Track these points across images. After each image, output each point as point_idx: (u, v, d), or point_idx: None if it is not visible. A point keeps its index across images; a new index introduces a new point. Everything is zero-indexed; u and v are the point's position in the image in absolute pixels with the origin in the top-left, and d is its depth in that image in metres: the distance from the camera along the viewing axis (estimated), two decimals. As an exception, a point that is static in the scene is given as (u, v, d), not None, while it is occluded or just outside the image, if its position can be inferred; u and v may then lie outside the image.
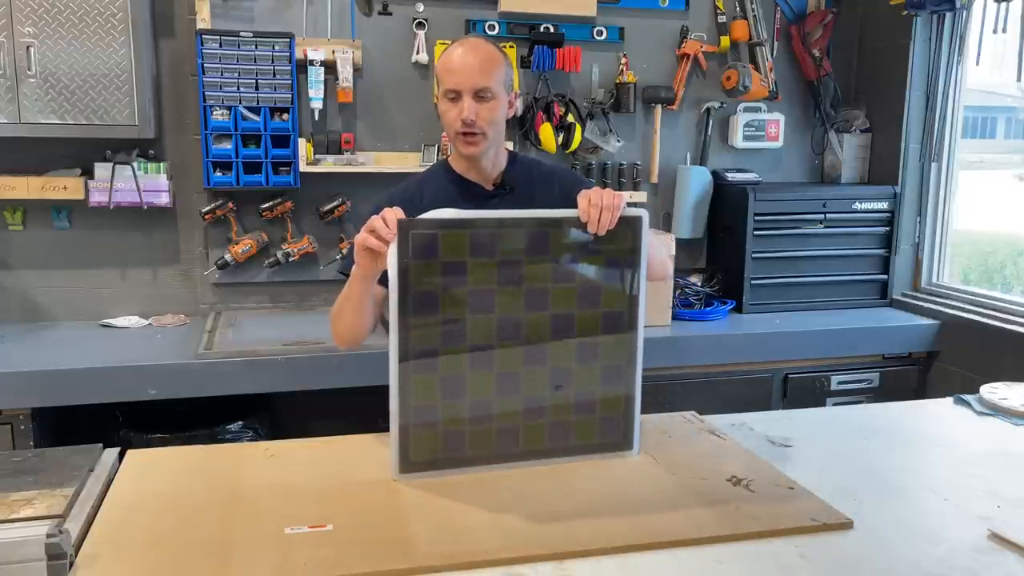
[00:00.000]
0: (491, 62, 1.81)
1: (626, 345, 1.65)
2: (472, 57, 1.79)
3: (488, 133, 1.82)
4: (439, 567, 1.27)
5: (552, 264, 1.59)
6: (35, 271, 3.04)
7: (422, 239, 1.52)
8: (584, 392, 1.64)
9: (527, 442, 1.62)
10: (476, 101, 1.79)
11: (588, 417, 1.65)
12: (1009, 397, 2.06)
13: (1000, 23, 3.05)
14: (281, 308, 3.27)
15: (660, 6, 3.44)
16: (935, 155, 3.45)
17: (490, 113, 1.80)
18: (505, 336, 1.58)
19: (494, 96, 1.81)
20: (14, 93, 2.65)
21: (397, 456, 1.55)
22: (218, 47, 2.90)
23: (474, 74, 1.78)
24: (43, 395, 2.50)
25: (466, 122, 1.78)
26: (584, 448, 1.66)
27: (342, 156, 3.12)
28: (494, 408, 1.59)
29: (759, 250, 3.36)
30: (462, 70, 1.79)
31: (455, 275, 1.54)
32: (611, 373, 1.65)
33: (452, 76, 1.79)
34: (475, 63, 1.78)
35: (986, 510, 1.50)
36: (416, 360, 1.54)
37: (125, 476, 1.58)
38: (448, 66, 1.81)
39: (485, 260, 1.55)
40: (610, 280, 1.64)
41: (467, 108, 1.78)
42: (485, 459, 1.60)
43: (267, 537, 1.35)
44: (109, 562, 1.27)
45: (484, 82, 1.78)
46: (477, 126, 1.79)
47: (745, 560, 1.32)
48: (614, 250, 1.61)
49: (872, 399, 3.17)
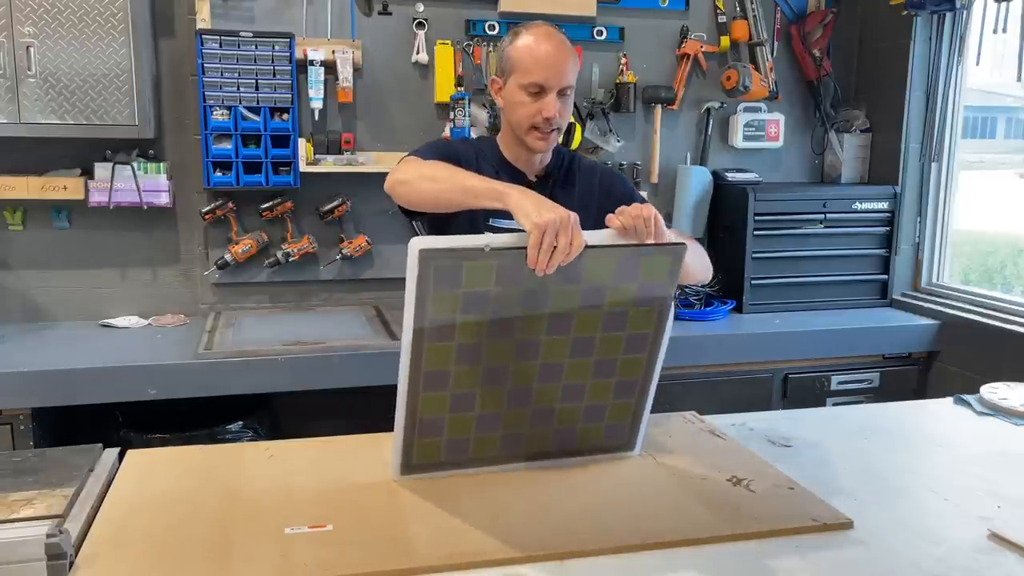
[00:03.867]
0: (574, 59, 1.79)
1: (646, 364, 1.60)
2: (562, 54, 1.75)
3: (561, 128, 1.81)
4: (439, 567, 1.27)
5: (581, 289, 1.46)
6: (35, 271, 3.04)
7: (445, 269, 1.36)
8: (595, 403, 1.61)
9: (531, 446, 1.61)
10: (559, 97, 1.76)
11: (596, 425, 1.64)
12: (1009, 397, 2.06)
13: (1000, 23, 3.05)
14: (281, 308, 3.27)
15: (660, 6, 3.44)
16: (935, 155, 3.45)
17: (567, 111, 1.80)
18: (523, 357, 1.51)
19: (572, 93, 1.80)
20: (14, 93, 2.65)
21: (399, 460, 1.54)
22: (218, 47, 2.90)
23: (564, 73, 1.75)
24: (43, 395, 2.50)
25: (550, 120, 1.75)
26: (588, 450, 1.65)
27: (342, 156, 3.12)
28: (502, 419, 1.57)
29: (759, 250, 3.36)
30: (554, 67, 1.74)
31: (477, 305, 1.41)
32: (626, 387, 1.62)
33: (541, 71, 1.74)
34: (565, 61, 1.75)
35: (986, 510, 1.50)
36: (427, 378, 1.46)
37: (125, 476, 1.58)
38: (538, 60, 1.75)
39: (511, 288, 1.41)
40: (640, 304, 1.52)
41: (552, 106, 1.75)
42: (488, 461, 1.59)
43: (267, 537, 1.35)
44: (109, 562, 1.27)
45: (570, 80, 1.77)
46: (555, 122, 1.77)
47: (745, 560, 1.31)
48: (648, 275, 1.50)
49: (872, 399, 3.17)
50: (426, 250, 1.33)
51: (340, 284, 3.33)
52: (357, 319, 3.12)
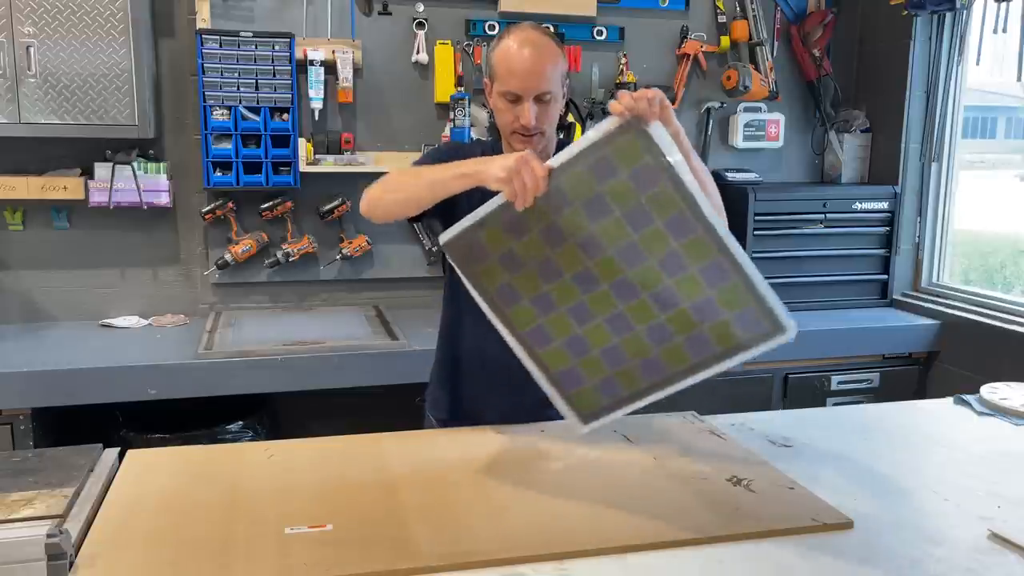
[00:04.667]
0: (554, 62, 1.72)
1: (711, 240, 1.41)
2: (537, 59, 1.69)
3: (546, 133, 1.77)
4: (439, 567, 1.27)
5: (581, 206, 1.46)
6: (35, 271, 3.04)
7: (469, 246, 1.51)
8: (696, 300, 1.46)
9: (673, 365, 1.51)
10: (536, 104, 1.71)
11: (719, 320, 1.46)
12: (1009, 397, 2.06)
13: (1000, 23, 3.05)
14: (281, 308, 3.27)
15: (660, 6, 3.44)
16: (935, 155, 3.45)
17: (549, 116, 1.75)
18: (588, 289, 1.50)
19: (553, 97, 1.73)
20: (14, 93, 2.65)
21: (572, 414, 1.58)
22: (218, 47, 2.90)
23: (537, 79, 1.69)
24: (43, 395, 2.50)
25: (527, 128, 1.72)
26: (735, 349, 1.46)
27: (342, 156, 3.13)
28: (623, 349, 1.52)
29: (759, 250, 3.36)
30: (525, 75, 1.69)
31: (513, 262, 1.52)
32: (712, 271, 1.43)
33: (514, 79, 1.70)
34: (538, 67, 1.69)
35: (986, 510, 1.50)
36: (531, 337, 1.56)
37: (125, 476, 1.58)
38: (509, 66, 1.71)
39: (529, 236, 1.49)
40: (646, 190, 1.42)
41: (528, 114, 1.71)
42: (647, 391, 1.54)
43: (267, 537, 1.35)
44: (109, 562, 1.27)
45: (546, 86, 1.70)
46: (536, 128, 1.73)
47: (745, 560, 1.31)
48: (628, 161, 1.42)
49: (872, 399, 3.17)
50: (446, 240, 1.54)
51: (340, 284, 3.33)
52: (357, 319, 3.12)
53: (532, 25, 1.79)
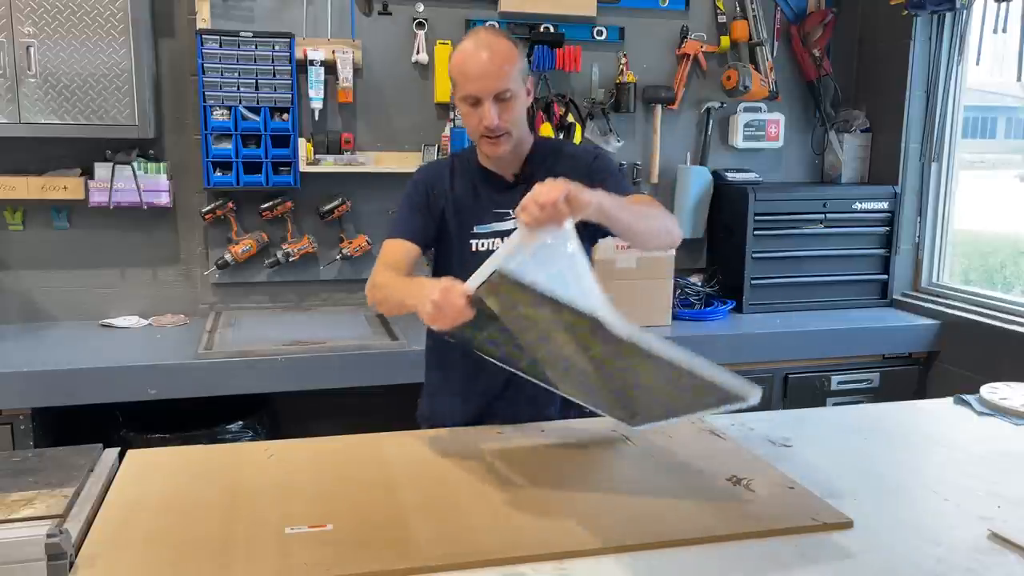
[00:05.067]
0: (507, 60, 1.73)
1: (632, 346, 1.35)
2: (488, 60, 1.71)
3: (512, 132, 1.78)
4: (439, 567, 1.27)
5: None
6: (35, 271, 3.04)
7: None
8: (658, 381, 1.44)
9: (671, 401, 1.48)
10: (496, 103, 1.73)
11: (688, 391, 1.42)
12: (1009, 397, 2.06)
13: (1000, 23, 3.05)
14: (281, 308, 3.27)
15: (660, 6, 3.44)
16: (935, 155, 3.45)
17: (512, 112, 1.76)
18: (555, 361, 1.57)
19: (514, 94, 1.74)
20: (14, 93, 2.65)
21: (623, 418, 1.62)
22: (218, 47, 2.90)
23: (493, 79, 1.71)
24: (43, 395, 2.50)
25: (490, 128, 1.74)
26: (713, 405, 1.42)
27: (342, 156, 3.12)
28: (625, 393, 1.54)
29: (759, 250, 3.36)
30: (480, 76, 1.72)
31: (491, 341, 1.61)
32: (655, 367, 1.39)
33: (470, 83, 1.73)
34: (492, 67, 1.71)
35: (986, 510, 1.50)
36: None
37: (125, 476, 1.58)
38: (464, 71, 1.74)
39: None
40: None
41: (489, 114, 1.73)
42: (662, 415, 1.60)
43: (267, 537, 1.35)
44: (109, 562, 1.27)
45: (503, 84, 1.72)
46: (500, 128, 1.75)
47: (745, 560, 1.31)
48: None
49: (872, 399, 3.17)
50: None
51: (340, 284, 3.33)
52: (357, 319, 3.12)
53: (486, 28, 1.83)
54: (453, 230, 1.89)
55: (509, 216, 1.83)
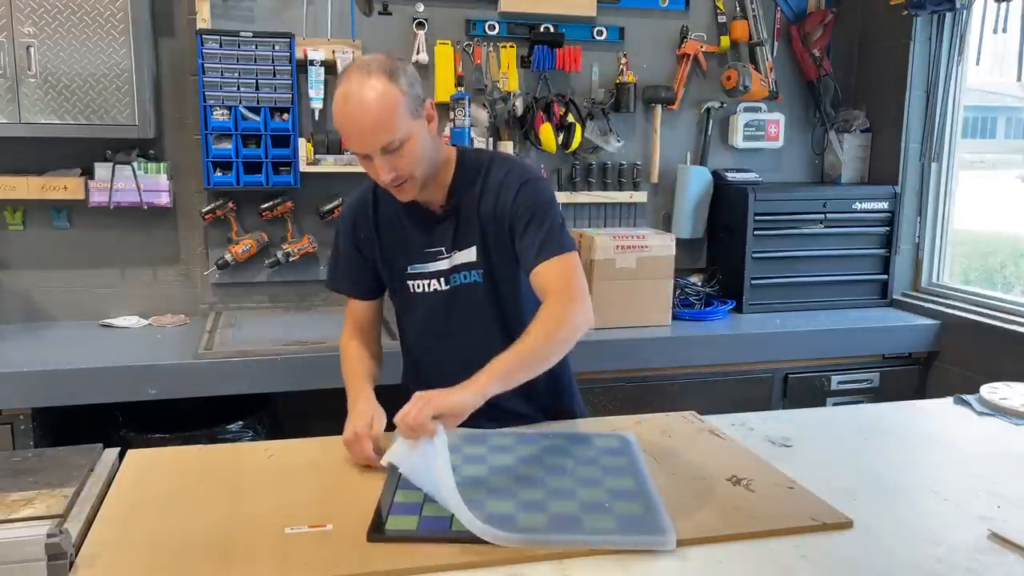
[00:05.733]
0: (385, 108, 1.55)
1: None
2: (362, 116, 1.55)
3: (416, 174, 1.64)
4: (439, 567, 1.27)
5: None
6: (35, 271, 3.04)
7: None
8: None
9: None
10: (388, 155, 1.59)
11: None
12: (1009, 397, 2.06)
13: (1000, 23, 3.05)
14: (281, 308, 3.27)
15: (660, 6, 3.44)
16: (935, 155, 3.45)
17: (408, 158, 1.61)
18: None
19: (404, 139, 1.58)
20: (14, 93, 2.65)
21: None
22: (218, 47, 2.90)
23: (373, 135, 1.57)
24: (43, 395, 2.50)
25: (387, 181, 1.62)
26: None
27: (342, 156, 3.12)
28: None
29: (759, 250, 3.36)
30: (359, 135, 1.58)
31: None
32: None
33: (351, 140, 1.60)
34: (368, 122, 1.56)
35: (986, 510, 1.50)
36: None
37: (125, 476, 1.58)
38: (342, 129, 1.60)
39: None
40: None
41: (383, 170, 1.60)
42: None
43: (267, 537, 1.35)
44: (109, 562, 1.27)
45: (385, 137, 1.57)
46: (398, 179, 1.62)
47: (745, 560, 1.32)
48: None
49: (872, 399, 3.17)
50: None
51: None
52: (357, 319, 3.11)
53: (358, 65, 1.60)
54: (385, 272, 1.85)
55: (442, 255, 1.77)
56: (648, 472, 1.58)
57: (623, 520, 1.40)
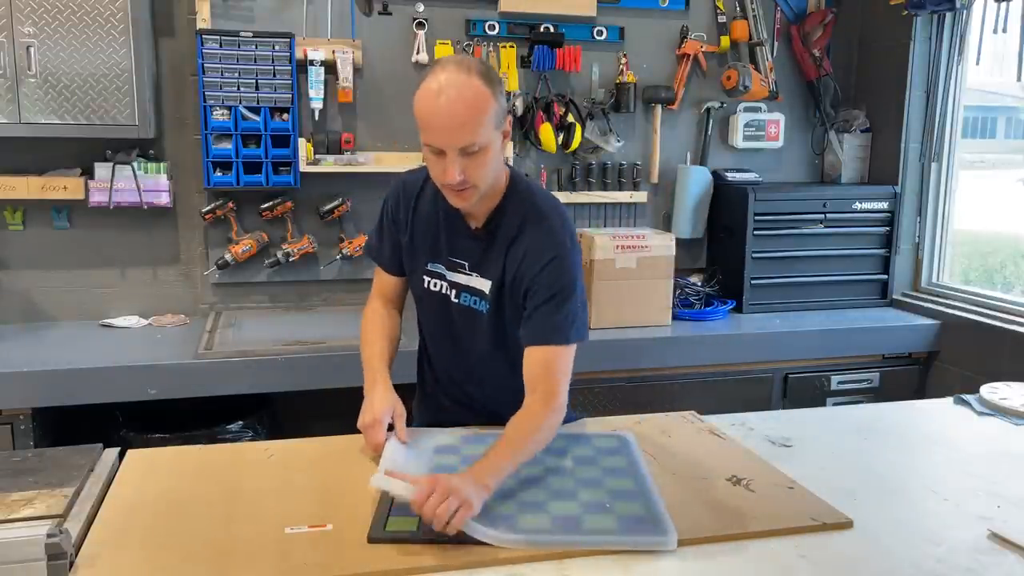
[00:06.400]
0: (477, 109, 1.50)
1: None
2: (453, 110, 1.49)
3: (480, 185, 1.58)
4: (439, 567, 1.27)
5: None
6: (35, 271, 3.04)
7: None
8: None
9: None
10: (463, 156, 1.52)
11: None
12: (1009, 397, 2.06)
13: (1000, 23, 3.05)
14: (281, 308, 3.27)
15: (660, 6, 3.44)
16: (935, 155, 3.45)
17: (480, 168, 1.55)
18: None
19: (483, 147, 1.53)
20: (14, 93, 2.65)
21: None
22: (218, 47, 2.90)
23: (457, 133, 1.50)
24: (43, 395, 2.50)
25: (453, 183, 1.55)
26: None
27: (342, 156, 3.12)
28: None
29: (759, 250, 3.36)
30: (443, 129, 1.50)
31: None
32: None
33: (432, 133, 1.52)
34: (458, 118, 1.49)
35: (986, 510, 1.50)
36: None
37: (125, 476, 1.58)
38: (426, 119, 1.52)
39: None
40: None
41: (453, 170, 1.52)
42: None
43: (267, 537, 1.35)
44: (109, 562, 1.27)
45: (470, 138, 1.50)
46: (464, 184, 1.55)
47: (745, 560, 1.32)
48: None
49: (872, 399, 3.17)
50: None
51: (340, 284, 3.33)
52: (357, 319, 3.07)
53: (456, 62, 1.54)
54: (407, 258, 1.84)
55: (463, 269, 1.74)
56: (648, 472, 1.59)
57: (624, 521, 1.40)
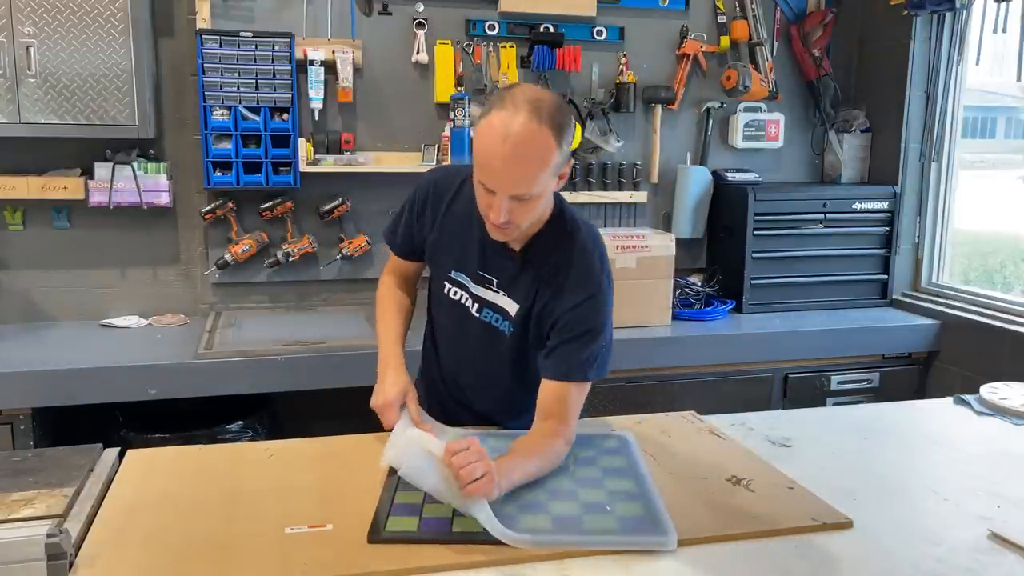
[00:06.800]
0: (541, 162, 1.45)
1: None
2: (515, 161, 1.43)
3: (523, 225, 1.54)
4: (439, 567, 1.27)
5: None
6: (35, 271, 3.04)
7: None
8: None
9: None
10: (513, 200, 1.48)
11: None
12: (1009, 397, 2.06)
13: (1000, 23, 3.05)
14: (281, 308, 3.27)
15: (660, 6, 3.44)
16: (935, 155, 3.45)
17: (527, 212, 1.51)
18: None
19: (536, 196, 1.49)
20: (14, 93, 2.65)
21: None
22: (218, 47, 2.90)
23: (515, 184, 1.46)
24: (43, 395, 2.50)
25: (496, 224, 1.51)
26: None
27: (342, 156, 3.12)
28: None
29: (759, 250, 3.36)
30: (501, 177, 1.45)
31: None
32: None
33: (487, 174, 1.46)
34: (519, 171, 1.44)
35: (986, 510, 1.50)
36: None
37: (125, 476, 1.58)
38: (485, 160, 1.46)
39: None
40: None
41: (499, 212, 1.48)
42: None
43: (267, 537, 1.35)
44: (109, 562, 1.27)
45: (525, 189, 1.46)
46: (510, 223, 1.51)
47: (745, 560, 1.32)
48: None
49: (872, 399, 3.17)
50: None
51: (340, 284, 3.33)
52: (357, 319, 3.12)
53: (532, 103, 1.44)
54: (429, 258, 1.80)
55: (490, 285, 1.70)
56: (648, 472, 1.59)
57: (624, 521, 1.40)
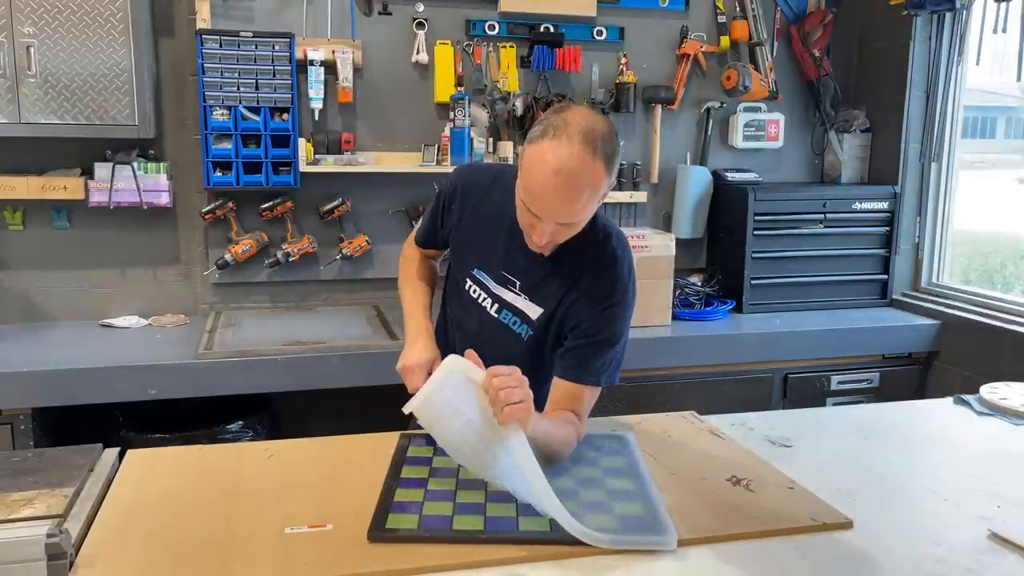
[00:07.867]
0: (590, 195, 1.47)
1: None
2: (563, 195, 1.45)
3: (560, 243, 1.58)
4: (439, 567, 1.27)
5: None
6: (35, 271, 3.04)
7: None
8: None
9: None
10: (556, 225, 1.51)
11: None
12: (1009, 397, 2.06)
13: (1000, 23, 3.05)
14: (281, 308, 3.27)
15: (660, 6, 3.44)
16: (935, 155, 3.45)
17: (567, 234, 1.55)
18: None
19: (578, 224, 1.53)
20: (14, 93, 2.65)
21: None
22: (218, 47, 2.90)
23: (561, 214, 1.49)
24: (43, 395, 2.50)
25: (539, 246, 1.56)
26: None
27: (342, 156, 3.12)
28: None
29: (759, 250, 3.36)
30: (549, 206, 1.47)
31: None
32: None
33: (535, 201, 1.48)
34: (568, 202, 1.47)
35: (986, 510, 1.50)
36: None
37: (125, 476, 1.58)
38: (535, 189, 1.46)
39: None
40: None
41: (542, 236, 1.52)
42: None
43: (267, 537, 1.35)
44: (109, 562, 1.27)
45: (570, 218, 1.50)
46: (552, 244, 1.56)
47: (745, 560, 1.32)
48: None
49: (872, 399, 3.17)
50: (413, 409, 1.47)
51: (340, 284, 3.33)
52: (357, 319, 3.12)
53: (586, 132, 1.45)
54: (451, 252, 1.81)
55: (512, 287, 1.70)
56: (648, 472, 1.59)
57: (624, 520, 1.40)
